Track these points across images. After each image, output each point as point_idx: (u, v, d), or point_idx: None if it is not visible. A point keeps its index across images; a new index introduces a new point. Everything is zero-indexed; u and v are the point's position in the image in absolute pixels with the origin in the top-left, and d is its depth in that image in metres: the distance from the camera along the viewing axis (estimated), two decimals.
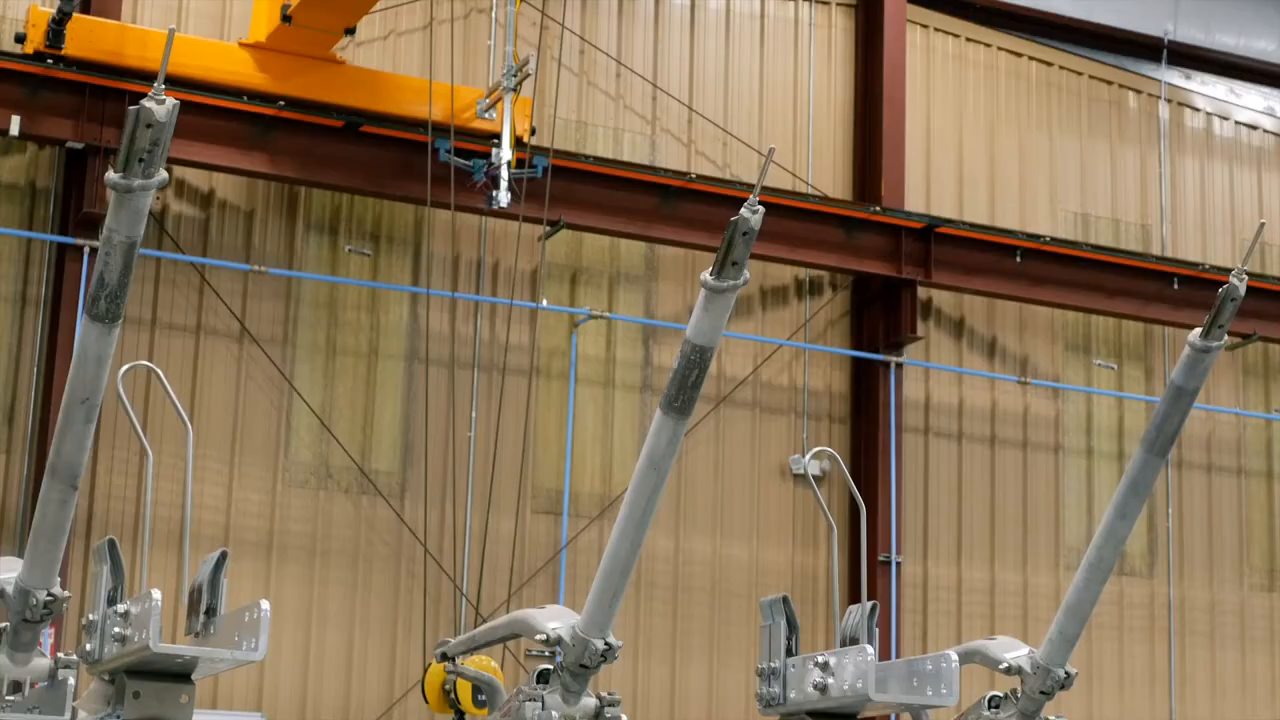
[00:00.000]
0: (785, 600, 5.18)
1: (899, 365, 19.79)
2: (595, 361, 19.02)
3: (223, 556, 4.66)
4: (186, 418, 4.67)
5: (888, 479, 19.39)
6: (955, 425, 20.50)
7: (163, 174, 4.61)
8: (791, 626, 5.17)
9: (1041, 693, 6.10)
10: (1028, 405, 20.89)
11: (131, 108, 4.52)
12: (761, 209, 4.82)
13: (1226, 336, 5.34)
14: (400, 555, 17.80)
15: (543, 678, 5.76)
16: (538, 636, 5.74)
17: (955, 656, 5.09)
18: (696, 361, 5.03)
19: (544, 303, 18.57)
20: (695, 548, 18.91)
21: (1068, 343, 21.30)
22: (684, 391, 5.06)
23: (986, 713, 6.23)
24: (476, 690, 6.17)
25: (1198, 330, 5.31)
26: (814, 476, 18.75)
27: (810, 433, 19.63)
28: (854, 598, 5.13)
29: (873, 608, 5.08)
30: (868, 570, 18.87)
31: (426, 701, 15.11)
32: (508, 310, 18.41)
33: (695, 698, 18.66)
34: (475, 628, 17.29)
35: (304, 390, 17.72)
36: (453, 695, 14.05)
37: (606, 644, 5.60)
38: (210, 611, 4.68)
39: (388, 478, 17.95)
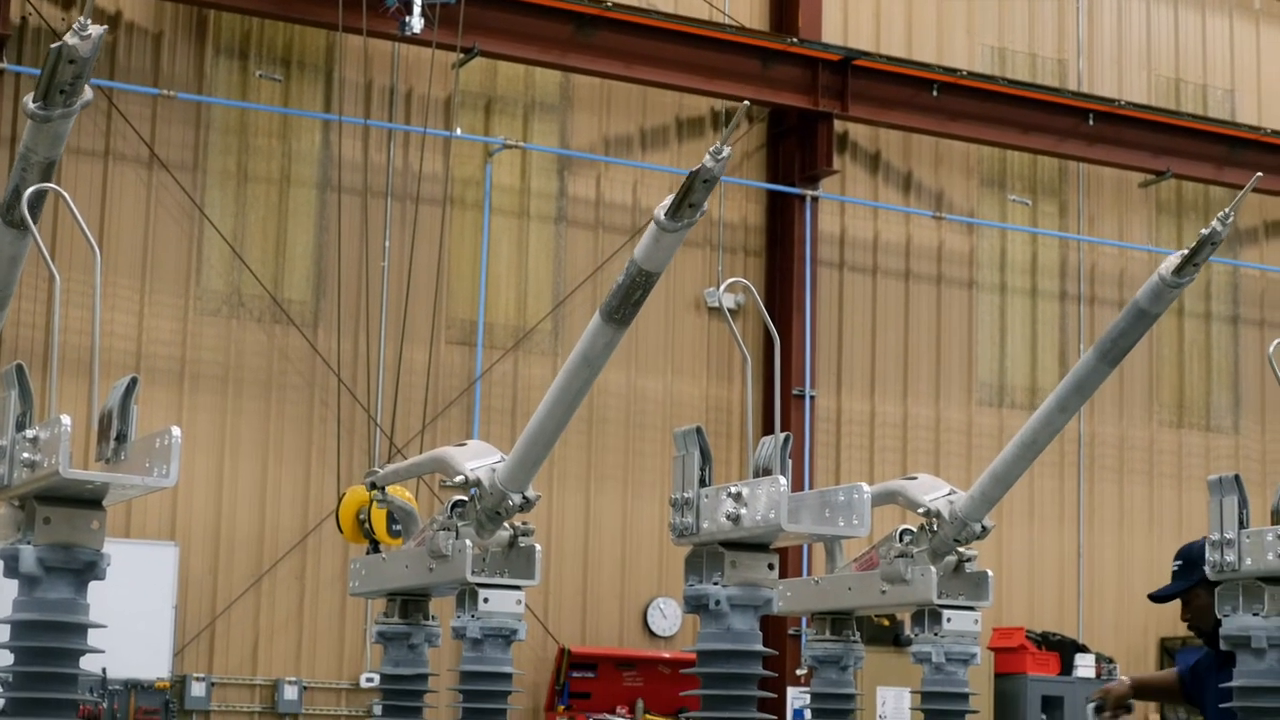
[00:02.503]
0: (699, 431, 5.16)
1: (814, 199, 19.78)
2: (510, 192, 18.91)
3: (133, 382, 4.59)
4: (94, 242, 4.58)
5: (802, 312, 19.44)
6: (870, 259, 20.54)
7: (87, 94, 4.49)
8: (705, 457, 5.14)
9: (955, 540, 6.14)
10: (942, 240, 20.95)
11: (54, 45, 4.38)
12: (728, 152, 4.69)
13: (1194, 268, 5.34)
14: (314, 385, 17.75)
15: (458, 507, 5.74)
16: (456, 479, 5.72)
17: (867, 488, 5.09)
18: (641, 284, 4.98)
19: (458, 131, 18.41)
20: (610, 380, 18.93)
21: (983, 178, 21.33)
22: (625, 307, 5.03)
23: (898, 544, 6.26)
24: (391, 520, 6.17)
25: (1171, 261, 5.28)
26: (729, 309, 18.78)
27: (725, 265, 19.63)
28: (767, 430, 5.19)
29: (786, 439, 5.06)
30: (781, 403, 18.98)
31: (340, 530, 15.12)
32: (421, 139, 18.24)
33: (609, 528, 18.79)
34: (389, 457, 17.35)
35: (215, 217, 17.55)
36: (367, 525, 14.06)
37: (524, 498, 5.61)
38: (120, 438, 4.60)
39: (300, 307, 17.85)
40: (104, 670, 15.55)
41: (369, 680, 17.20)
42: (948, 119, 20.14)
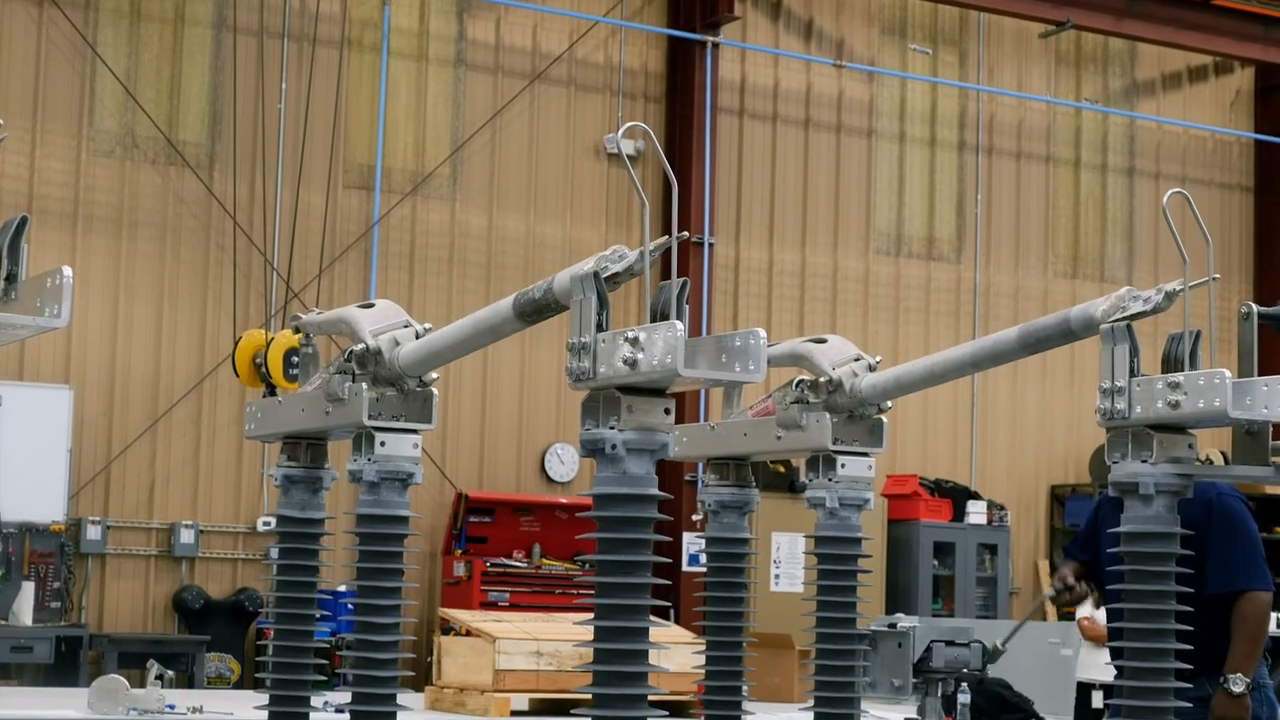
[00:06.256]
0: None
1: (715, 45, 19.67)
2: (408, 34, 18.70)
3: (23, 221, 4.52)
4: None
5: (702, 160, 19.40)
6: (770, 107, 20.50)
7: None
8: (602, 302, 5.13)
9: (851, 410, 6.23)
10: (842, 89, 20.92)
11: None
12: (655, 252, 4.88)
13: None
14: (209, 228, 17.59)
15: (356, 351, 5.73)
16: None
17: (764, 333, 5.09)
18: (555, 309, 5.13)
19: None
20: (509, 225, 18.87)
21: (884, 26, 21.27)
22: (537, 316, 5.17)
23: (794, 391, 6.30)
24: (288, 364, 6.14)
25: (1110, 309, 5.42)
26: (628, 155, 18.70)
27: (625, 111, 19.53)
28: (665, 276, 5.17)
29: (684, 285, 5.06)
30: (679, 249, 19.01)
31: (236, 374, 15.09)
32: None
33: (507, 373, 18.79)
34: (286, 302, 17.28)
35: (108, 56, 17.27)
36: (263, 368, 14.02)
37: (421, 382, 5.67)
38: (11, 278, 4.54)
39: (195, 149, 17.64)
40: None
41: (265, 524, 17.21)
42: None
